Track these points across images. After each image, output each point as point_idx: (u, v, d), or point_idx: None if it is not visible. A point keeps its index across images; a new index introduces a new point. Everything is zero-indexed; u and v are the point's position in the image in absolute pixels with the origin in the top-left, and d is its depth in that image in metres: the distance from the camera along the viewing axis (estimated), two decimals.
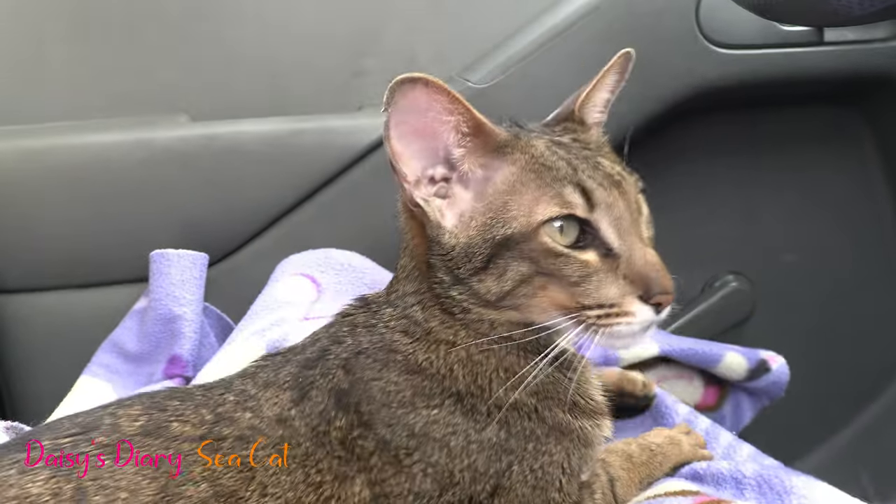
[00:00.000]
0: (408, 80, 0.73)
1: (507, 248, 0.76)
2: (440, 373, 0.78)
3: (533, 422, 0.78)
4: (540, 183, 0.77)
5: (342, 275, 1.24)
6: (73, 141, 1.32)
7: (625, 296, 0.74)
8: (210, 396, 0.79)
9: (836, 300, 1.57)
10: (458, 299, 0.79)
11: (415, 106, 0.75)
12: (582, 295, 0.75)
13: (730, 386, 1.30)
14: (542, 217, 0.75)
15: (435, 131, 0.77)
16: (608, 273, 0.75)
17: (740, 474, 0.91)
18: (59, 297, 1.32)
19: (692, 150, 1.50)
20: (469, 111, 0.76)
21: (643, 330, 0.76)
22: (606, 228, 0.76)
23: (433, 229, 0.80)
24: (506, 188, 0.78)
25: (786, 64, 1.37)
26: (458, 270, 0.78)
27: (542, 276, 0.75)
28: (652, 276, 0.74)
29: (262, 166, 1.32)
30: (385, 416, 0.76)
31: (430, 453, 0.75)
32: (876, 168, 1.52)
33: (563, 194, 0.75)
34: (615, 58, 0.88)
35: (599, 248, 0.76)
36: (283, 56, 1.49)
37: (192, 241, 1.30)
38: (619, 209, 0.76)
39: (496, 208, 0.77)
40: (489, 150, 0.79)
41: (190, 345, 1.21)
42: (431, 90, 0.74)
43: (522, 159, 0.79)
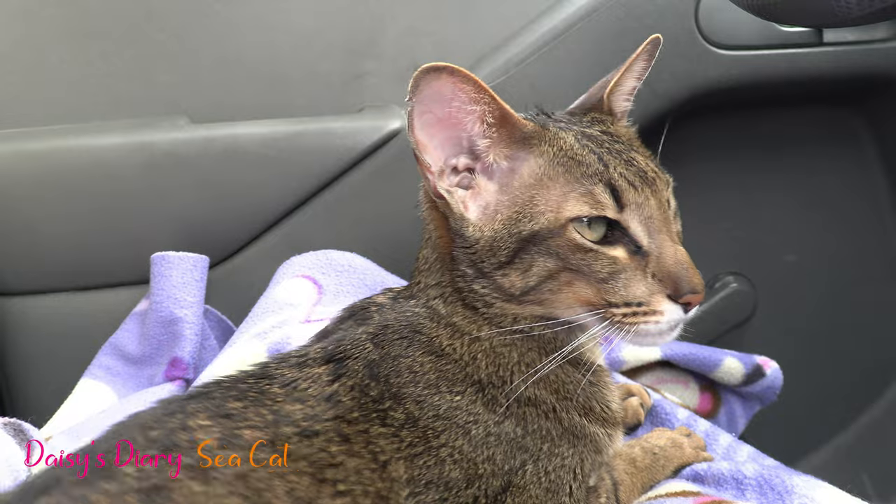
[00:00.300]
0: (433, 69, 0.72)
1: (534, 244, 0.75)
2: (463, 359, 0.78)
3: (550, 421, 0.78)
4: (569, 178, 0.76)
5: (343, 276, 1.24)
6: (73, 143, 1.32)
7: (653, 294, 0.74)
8: (260, 390, 0.76)
9: (837, 301, 1.57)
10: (481, 293, 0.79)
11: (439, 95, 0.74)
12: (609, 292, 0.74)
13: (722, 391, 1.31)
14: (571, 214, 0.74)
15: (459, 121, 0.76)
16: (636, 271, 0.74)
17: (741, 475, 0.91)
18: (60, 300, 1.31)
19: (693, 151, 1.50)
20: (495, 100, 0.75)
21: (671, 329, 0.76)
22: (636, 227, 0.75)
23: (456, 221, 0.79)
24: (533, 181, 0.77)
25: (785, 65, 1.37)
26: (481, 264, 0.78)
27: (569, 272, 0.74)
28: (682, 275, 0.74)
29: (262, 168, 1.32)
30: (412, 392, 0.76)
31: (455, 437, 0.74)
32: (876, 168, 1.52)
33: (594, 193, 0.74)
34: (644, 44, 0.87)
35: (628, 245, 0.75)
36: (284, 58, 1.49)
37: (192, 243, 1.30)
38: (650, 208, 0.76)
39: (523, 202, 0.76)
40: (515, 141, 0.78)
41: (191, 347, 1.21)
42: (457, 79, 0.73)
43: (550, 152, 0.78)
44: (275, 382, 0.77)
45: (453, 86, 0.73)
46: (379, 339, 0.80)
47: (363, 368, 0.77)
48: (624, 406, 1.08)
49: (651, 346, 0.80)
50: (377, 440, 0.73)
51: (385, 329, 0.80)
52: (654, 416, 1.11)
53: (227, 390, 0.76)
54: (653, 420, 1.10)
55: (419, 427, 0.74)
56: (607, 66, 1.34)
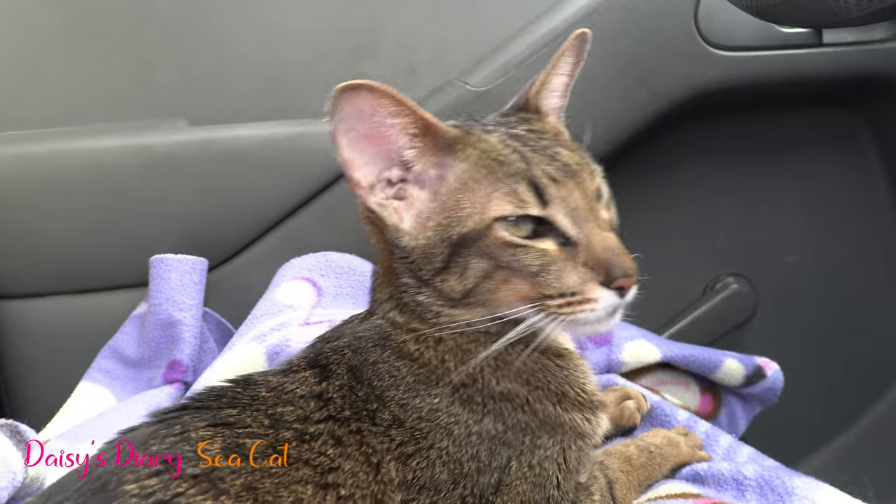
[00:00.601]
0: (350, 88, 0.72)
1: (465, 246, 0.76)
2: (432, 363, 0.78)
3: (526, 414, 0.78)
4: (492, 178, 0.76)
5: (343, 278, 1.24)
6: (71, 146, 1.32)
7: (585, 282, 0.74)
8: (251, 395, 0.77)
9: (837, 302, 1.57)
10: (426, 303, 0.79)
11: (360, 112, 0.74)
12: (543, 285, 0.75)
13: (723, 393, 1.30)
14: (496, 214, 0.75)
15: (384, 135, 0.77)
16: (567, 261, 0.75)
17: (741, 476, 0.91)
18: (59, 303, 1.31)
19: (693, 152, 1.50)
20: (415, 112, 0.76)
21: (608, 315, 0.76)
22: (563, 220, 0.75)
23: (391, 233, 0.79)
24: (458, 186, 0.77)
25: (785, 66, 1.37)
26: (420, 272, 0.78)
27: (503, 270, 0.75)
28: (612, 261, 0.74)
29: (261, 170, 1.32)
30: (395, 396, 0.77)
31: (440, 439, 0.75)
32: (876, 169, 1.52)
33: (517, 192, 0.75)
34: (569, 39, 0.87)
35: (557, 237, 0.76)
36: (282, 60, 1.49)
37: (191, 245, 1.30)
38: (574, 200, 0.76)
39: (450, 207, 0.77)
40: (440, 148, 0.79)
41: (190, 350, 1.21)
42: (375, 95, 0.74)
43: (474, 155, 0.78)
44: (261, 387, 0.78)
45: (372, 102, 0.74)
46: (355, 346, 0.81)
47: (346, 372, 0.78)
48: (620, 409, 1.08)
49: (593, 333, 0.83)
50: (369, 439, 0.74)
51: (359, 339, 0.82)
52: (653, 417, 1.10)
53: (218, 398, 0.76)
54: (652, 421, 1.10)
55: (406, 428, 0.75)
56: (606, 68, 1.35)
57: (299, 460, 0.71)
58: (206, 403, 0.76)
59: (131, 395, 1.21)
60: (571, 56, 0.88)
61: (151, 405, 1.12)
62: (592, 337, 1.24)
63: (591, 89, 1.36)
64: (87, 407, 1.19)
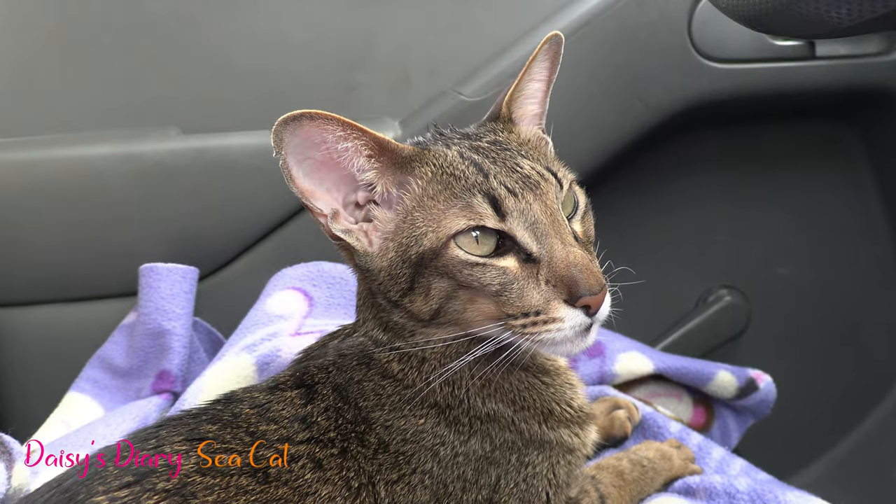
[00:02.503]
0: (291, 119, 0.71)
1: (425, 266, 0.73)
2: (416, 384, 0.77)
3: (512, 433, 0.77)
4: (448, 194, 0.74)
5: (335, 288, 1.24)
6: (62, 154, 1.31)
7: (549, 301, 0.71)
8: (233, 413, 0.76)
9: (830, 314, 1.57)
10: (401, 323, 0.78)
11: (308, 141, 0.73)
12: (505, 304, 0.72)
13: (716, 405, 1.30)
14: (451, 230, 0.72)
15: (338, 160, 0.75)
16: (529, 279, 0.72)
17: (734, 489, 0.90)
18: (47, 312, 1.30)
19: (686, 163, 1.50)
20: (365, 132, 0.74)
21: (578, 335, 0.72)
22: (522, 234, 0.72)
23: (360, 258, 0.78)
24: (415, 204, 0.75)
25: (778, 78, 1.37)
26: (389, 293, 0.76)
27: (466, 290, 0.73)
28: (576, 277, 0.70)
29: (253, 179, 1.32)
30: (380, 416, 0.76)
31: (424, 460, 0.74)
32: (868, 180, 1.52)
33: (472, 205, 0.72)
34: (541, 43, 0.83)
35: (519, 253, 0.72)
36: (276, 70, 1.49)
37: (182, 254, 1.29)
38: (534, 213, 0.73)
39: (408, 226, 0.75)
40: (398, 166, 0.77)
41: (179, 360, 1.20)
42: (318, 122, 0.72)
43: (429, 172, 0.76)
44: (244, 404, 0.77)
45: (317, 129, 0.72)
46: (339, 364, 0.80)
47: (332, 392, 0.77)
48: (611, 418, 1.08)
49: (566, 354, 0.76)
50: (358, 461, 0.73)
51: (344, 357, 0.81)
52: (646, 429, 1.10)
53: (198, 416, 0.76)
54: (645, 433, 1.10)
55: (390, 452, 0.74)
56: (600, 79, 1.36)
57: (278, 480, 0.70)
58: (185, 421, 0.75)
59: (119, 406, 1.20)
60: (546, 60, 0.85)
61: (139, 416, 1.11)
62: None
63: (586, 100, 1.36)
64: (74, 417, 1.18)
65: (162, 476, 0.67)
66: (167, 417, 0.78)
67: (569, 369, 0.85)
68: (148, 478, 0.67)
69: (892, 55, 1.39)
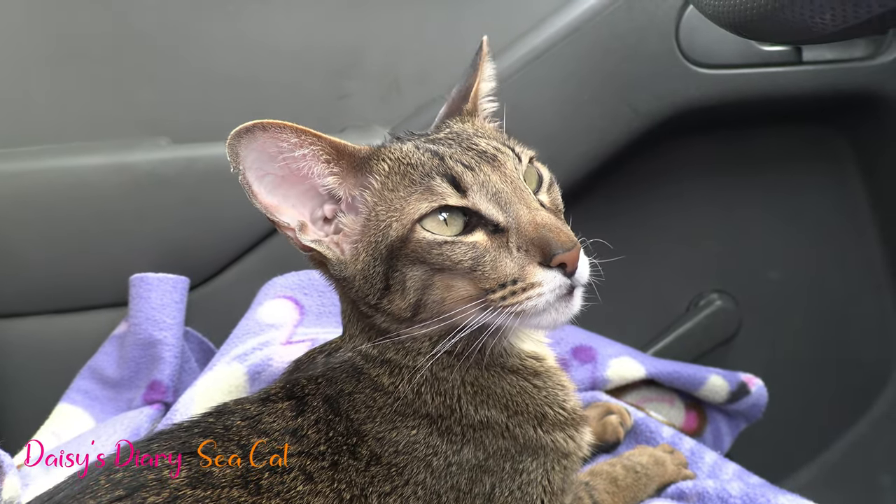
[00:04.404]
0: (244, 131, 0.70)
1: (396, 258, 0.73)
2: (408, 396, 0.77)
3: (506, 440, 0.77)
4: (406, 182, 0.75)
5: (326, 297, 1.23)
6: (53, 164, 1.31)
7: (524, 267, 0.71)
8: (224, 425, 0.76)
9: (820, 318, 1.57)
10: (384, 327, 0.77)
11: (265, 154, 0.72)
12: (481, 279, 0.71)
13: (708, 409, 1.30)
14: (415, 215, 0.72)
15: (299, 170, 0.74)
16: (500, 249, 0.72)
17: (726, 493, 0.90)
18: (38, 323, 1.30)
19: (676, 168, 1.51)
20: (320, 138, 0.74)
21: (561, 300, 0.72)
22: (486, 206, 0.73)
23: (335, 267, 0.77)
24: (377, 199, 0.76)
25: (766, 83, 1.38)
26: (367, 298, 0.76)
27: (441, 274, 0.72)
28: (547, 237, 0.70)
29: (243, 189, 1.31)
30: (372, 429, 0.75)
31: (416, 471, 0.74)
32: (857, 183, 1.53)
33: (432, 188, 0.73)
34: (483, 47, 0.88)
35: (486, 226, 0.73)
36: (266, 79, 1.49)
37: (173, 264, 1.29)
38: (494, 184, 0.73)
39: (374, 223, 0.75)
40: (357, 168, 0.77)
41: (170, 370, 1.20)
42: (272, 132, 0.71)
43: (386, 166, 0.76)
44: (236, 416, 0.76)
45: (271, 139, 0.71)
46: (329, 377, 0.79)
47: (323, 404, 0.77)
48: (603, 424, 1.08)
49: (552, 326, 0.75)
50: (349, 474, 0.73)
51: (333, 370, 0.80)
52: (638, 434, 1.10)
53: (189, 429, 0.75)
54: (637, 438, 1.10)
55: (383, 464, 0.74)
56: (590, 85, 1.36)
57: (270, 492, 0.70)
58: (177, 434, 0.75)
59: (110, 416, 1.19)
60: (489, 61, 0.90)
61: (131, 426, 1.10)
62: (577, 354, 1.24)
63: (576, 106, 1.37)
64: (66, 428, 1.17)
65: (152, 490, 0.67)
66: (158, 431, 0.78)
67: (560, 370, 0.85)
68: (138, 492, 0.67)
69: (877, 59, 1.40)
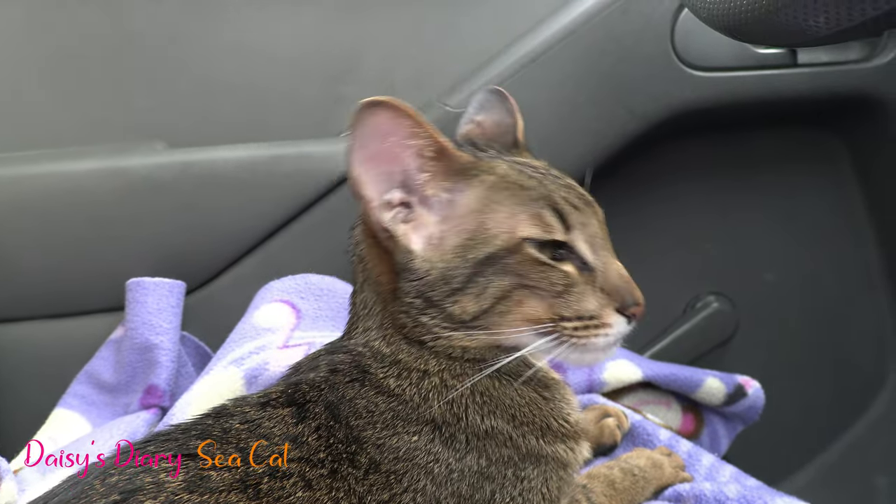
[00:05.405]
0: (372, 104, 0.72)
1: (490, 265, 0.75)
2: (414, 400, 0.77)
3: (509, 449, 0.77)
4: (516, 200, 0.77)
5: (322, 300, 1.23)
6: (48, 169, 1.30)
7: (604, 307, 0.76)
8: (223, 428, 0.75)
9: (817, 319, 1.58)
10: (429, 325, 0.78)
11: (378, 130, 0.74)
12: (563, 306, 0.76)
13: (705, 412, 1.30)
14: (525, 234, 0.76)
15: (396, 156, 0.76)
16: (586, 285, 0.77)
17: (724, 496, 0.90)
18: (33, 328, 1.29)
19: (672, 171, 1.51)
20: (433, 135, 0.76)
21: (615, 342, 0.78)
22: (582, 246, 0.77)
23: (403, 255, 0.78)
24: (480, 207, 0.77)
25: (761, 86, 1.39)
26: (431, 293, 0.77)
27: (522, 290, 0.75)
28: (627, 289, 0.77)
29: (240, 193, 1.31)
30: (372, 435, 0.75)
31: (416, 479, 0.74)
32: (853, 186, 1.54)
33: (542, 216, 0.76)
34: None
35: (576, 261, 0.77)
36: (262, 82, 1.49)
37: (169, 268, 1.28)
38: (593, 227, 0.79)
39: (472, 229, 0.77)
40: (453, 172, 0.78)
41: (167, 374, 1.19)
42: (396, 114, 0.73)
43: (490, 179, 0.78)
44: (235, 419, 0.76)
45: (392, 121, 0.73)
46: (331, 381, 0.79)
47: (325, 411, 0.76)
48: (600, 426, 1.08)
49: (592, 363, 0.83)
50: (348, 482, 0.72)
51: (335, 373, 0.80)
52: (635, 437, 1.10)
53: (187, 431, 0.75)
54: (634, 441, 1.10)
55: (381, 472, 0.74)
56: (585, 88, 1.36)
57: (269, 496, 0.69)
58: (174, 436, 0.74)
59: (107, 421, 1.19)
60: None
61: (127, 431, 1.10)
62: None
63: (572, 109, 1.37)
64: (62, 434, 1.17)
65: (149, 494, 0.66)
66: (156, 433, 0.77)
67: (564, 383, 0.86)
68: (134, 496, 0.66)
69: (872, 62, 1.41)
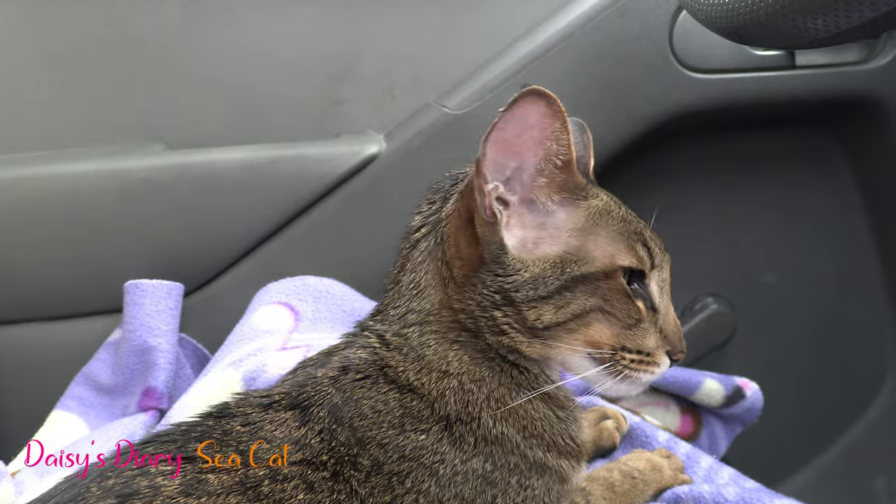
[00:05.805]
0: (535, 93, 0.73)
1: (583, 283, 0.78)
2: (431, 395, 0.77)
3: (516, 456, 0.78)
4: (617, 229, 0.81)
5: (321, 302, 1.23)
6: (46, 171, 1.30)
7: (659, 347, 0.81)
8: (223, 430, 0.75)
9: (816, 321, 1.58)
10: (500, 321, 0.79)
11: (524, 119, 0.74)
12: (629, 338, 0.79)
13: (704, 414, 1.30)
14: (623, 263, 0.79)
15: (525, 150, 0.76)
16: (651, 324, 0.81)
17: (722, 498, 0.90)
18: (32, 330, 1.29)
19: (670, 173, 1.51)
20: (570, 146, 0.77)
21: (654, 380, 0.82)
22: (654, 287, 0.82)
23: (497, 246, 0.78)
24: (586, 227, 0.80)
25: (759, 88, 1.39)
26: (515, 293, 0.77)
27: (598, 313, 0.78)
28: (677, 335, 0.83)
29: (238, 194, 1.31)
30: (377, 435, 0.75)
31: (420, 479, 0.73)
32: (851, 188, 1.54)
33: (636, 249, 0.80)
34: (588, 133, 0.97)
35: (646, 300, 0.81)
36: (261, 84, 1.49)
37: (167, 270, 1.28)
38: (665, 272, 0.84)
39: (574, 246, 0.79)
40: (566, 188, 0.80)
41: (165, 376, 1.19)
42: (550, 112, 0.74)
43: (598, 205, 0.82)
44: (237, 421, 0.76)
45: (542, 117, 0.74)
46: (340, 382, 0.79)
47: (328, 414, 0.76)
48: (599, 429, 1.08)
49: (628, 394, 0.86)
50: (351, 484, 0.72)
51: (345, 371, 0.80)
52: (634, 438, 1.10)
53: (186, 432, 0.74)
54: (633, 443, 1.10)
55: (384, 473, 0.73)
56: (583, 90, 1.36)
57: (270, 499, 0.69)
58: (173, 437, 0.74)
59: (105, 423, 1.19)
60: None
61: (125, 433, 1.10)
62: None
63: (571, 111, 1.36)
64: (60, 436, 1.17)
65: (144, 498, 0.66)
66: (155, 433, 0.77)
67: (579, 406, 0.88)
68: (130, 500, 0.66)
69: (870, 63, 1.41)
